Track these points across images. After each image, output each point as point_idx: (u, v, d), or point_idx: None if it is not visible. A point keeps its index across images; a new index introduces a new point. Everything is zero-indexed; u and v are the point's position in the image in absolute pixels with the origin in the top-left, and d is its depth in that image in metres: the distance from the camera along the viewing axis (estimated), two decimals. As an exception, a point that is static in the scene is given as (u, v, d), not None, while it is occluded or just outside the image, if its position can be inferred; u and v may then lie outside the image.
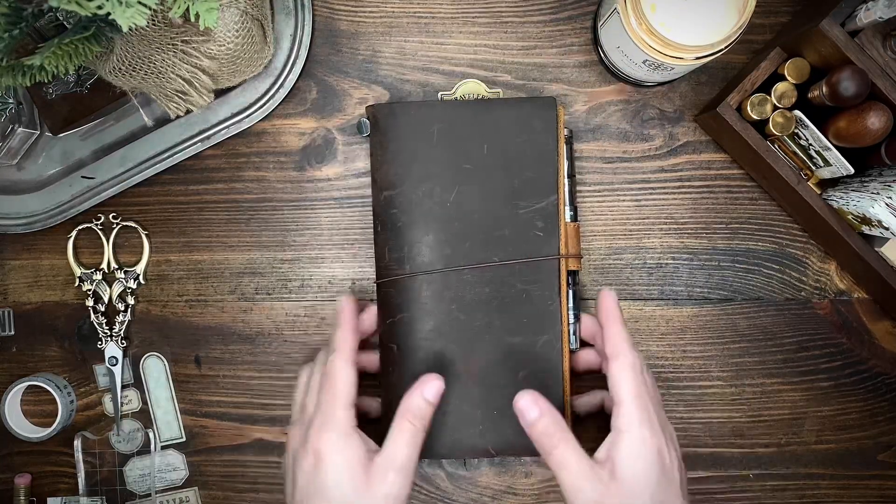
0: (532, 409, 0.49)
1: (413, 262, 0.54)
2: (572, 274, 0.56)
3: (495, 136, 0.55)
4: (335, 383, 0.49)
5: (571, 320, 0.56)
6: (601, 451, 0.48)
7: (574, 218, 0.56)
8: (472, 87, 0.59)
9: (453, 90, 0.59)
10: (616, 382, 0.49)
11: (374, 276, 0.57)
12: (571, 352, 0.56)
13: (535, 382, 0.53)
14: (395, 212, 0.55)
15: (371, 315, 0.56)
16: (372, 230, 0.58)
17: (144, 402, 0.61)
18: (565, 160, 0.55)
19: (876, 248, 0.55)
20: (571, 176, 0.56)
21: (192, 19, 0.43)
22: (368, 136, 0.58)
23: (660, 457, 0.47)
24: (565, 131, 0.55)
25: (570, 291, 0.55)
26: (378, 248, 0.56)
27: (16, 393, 0.60)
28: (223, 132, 0.58)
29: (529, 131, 0.54)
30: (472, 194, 0.54)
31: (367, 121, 0.57)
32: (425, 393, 0.50)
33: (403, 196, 0.55)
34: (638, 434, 0.47)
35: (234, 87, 0.58)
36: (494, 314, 0.54)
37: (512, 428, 0.53)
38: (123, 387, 0.61)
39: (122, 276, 0.61)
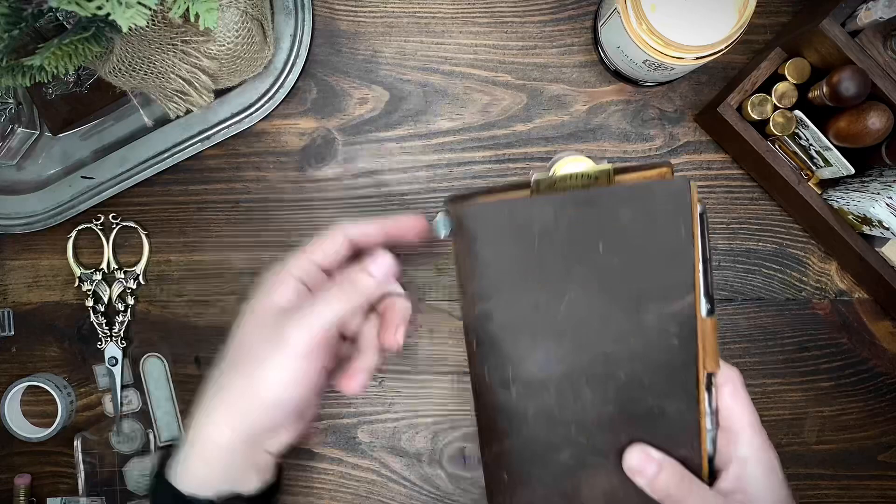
0: (649, 464, 0.43)
1: (520, 384, 0.46)
2: (710, 377, 0.45)
3: (612, 231, 0.44)
4: (315, 240, 0.47)
5: (709, 427, 0.45)
6: (727, 482, 0.44)
7: (711, 311, 0.44)
8: (573, 166, 0.49)
9: (550, 169, 0.53)
10: (730, 409, 0.44)
11: (472, 399, 0.49)
12: (709, 461, 0.45)
13: None
14: (493, 327, 0.46)
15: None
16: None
17: (144, 402, 0.61)
18: (700, 247, 0.43)
19: (876, 249, 0.55)
20: (706, 261, 0.44)
21: (192, 19, 0.43)
22: (448, 237, 0.48)
23: (783, 479, 0.45)
24: (699, 207, 0.43)
25: (708, 397, 0.45)
26: (475, 367, 0.47)
27: (16, 393, 0.60)
28: (223, 132, 0.58)
29: (655, 222, 0.43)
30: (587, 301, 0.45)
31: (446, 219, 0.48)
32: (370, 267, 0.46)
33: (503, 309, 0.46)
34: (766, 459, 0.44)
35: (234, 88, 0.58)
36: (622, 434, 0.45)
37: None
38: (123, 387, 0.61)
39: (122, 276, 0.60)
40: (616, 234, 0.44)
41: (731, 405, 0.44)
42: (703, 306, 0.44)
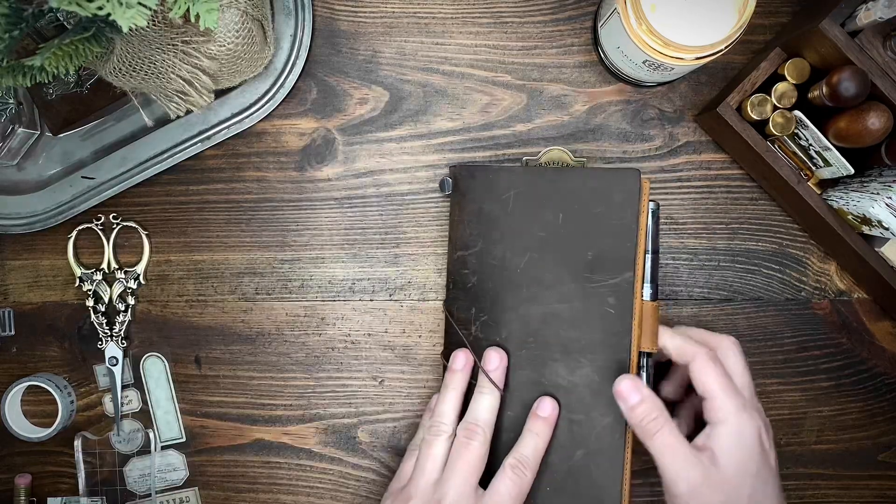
0: (633, 393, 0.48)
1: (479, 325, 0.54)
2: (646, 356, 0.52)
3: (572, 205, 0.52)
4: (462, 464, 0.50)
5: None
6: (699, 439, 0.48)
7: (655, 297, 0.52)
8: (556, 155, 0.58)
9: (538, 156, 0.59)
10: (699, 381, 0.48)
11: (444, 330, 0.58)
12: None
13: (593, 464, 0.51)
14: (466, 272, 0.55)
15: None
16: (370, 233, 0.58)
17: (144, 402, 0.61)
18: (648, 235, 0.51)
19: (876, 249, 0.55)
20: (655, 251, 0.52)
21: (193, 20, 0.43)
22: (449, 194, 0.57)
23: (760, 444, 0.47)
24: (651, 204, 0.51)
25: (643, 374, 0.52)
26: (447, 304, 0.56)
27: (16, 393, 0.60)
28: (223, 132, 0.58)
29: (608, 203, 0.51)
30: (543, 263, 0.53)
31: (450, 180, 0.57)
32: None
33: (475, 258, 0.54)
34: (735, 422, 0.47)
35: (234, 88, 0.58)
36: (558, 390, 0.52)
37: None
38: (123, 387, 0.61)
39: (123, 276, 0.61)
40: (574, 209, 0.52)
41: (699, 377, 0.48)
42: (647, 290, 0.52)
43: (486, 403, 0.52)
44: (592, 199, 0.52)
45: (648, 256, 0.52)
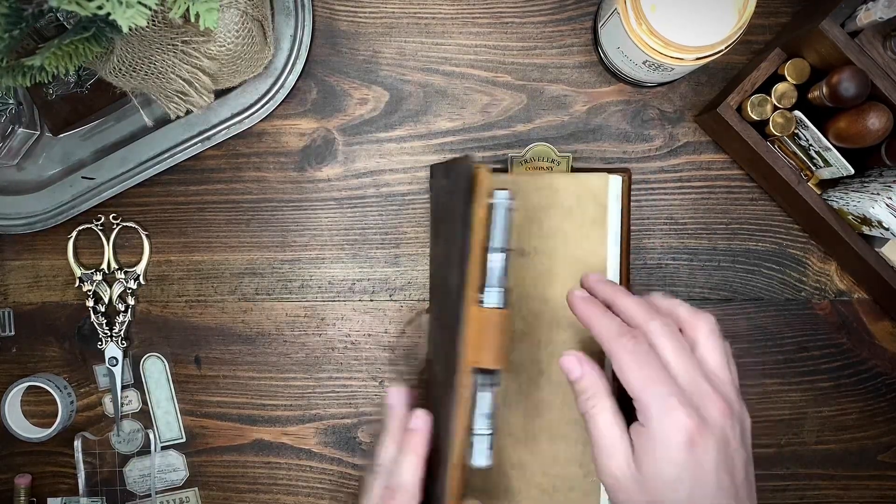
0: (575, 367, 0.44)
1: (431, 311, 0.58)
2: (488, 373, 0.44)
3: (445, 194, 0.51)
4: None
5: (480, 429, 0.44)
6: (633, 430, 0.43)
7: (505, 304, 0.44)
8: (541, 150, 0.58)
9: (524, 152, 0.59)
10: (619, 377, 0.42)
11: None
12: (480, 469, 0.45)
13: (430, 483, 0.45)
14: (432, 263, 0.58)
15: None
16: (370, 234, 0.60)
17: (144, 402, 0.61)
18: (492, 231, 0.44)
19: (876, 249, 0.55)
20: (505, 250, 0.44)
21: (192, 20, 0.43)
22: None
23: (688, 450, 0.40)
24: (501, 198, 0.45)
25: (480, 394, 0.44)
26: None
27: (16, 393, 0.60)
28: (223, 132, 0.58)
29: (454, 194, 0.46)
30: (440, 254, 0.52)
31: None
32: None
33: (432, 249, 0.58)
34: (657, 427, 0.41)
35: (234, 88, 0.58)
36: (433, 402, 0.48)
37: None
38: (123, 387, 0.61)
39: (123, 276, 0.61)
40: (445, 198, 0.51)
41: (618, 373, 0.42)
42: (491, 296, 0.44)
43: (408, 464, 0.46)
44: (451, 193, 0.48)
45: (497, 255, 0.44)
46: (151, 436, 0.61)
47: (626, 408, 0.43)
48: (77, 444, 0.61)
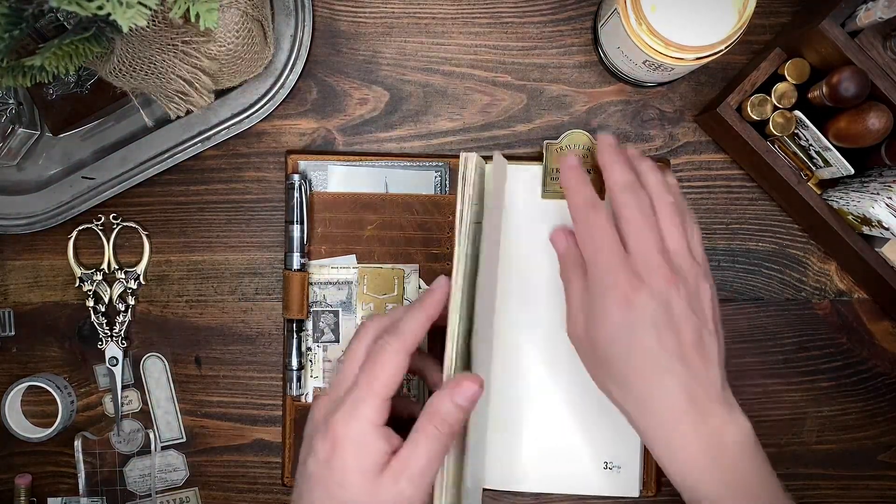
0: (562, 241, 0.51)
1: None
2: (297, 322, 0.59)
3: None
4: (378, 371, 0.44)
5: (293, 365, 0.59)
6: (588, 297, 0.48)
7: (303, 267, 0.58)
8: (577, 138, 0.58)
9: (560, 139, 0.58)
10: (578, 243, 0.49)
11: None
12: (293, 398, 0.59)
13: None
14: None
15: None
16: None
17: (145, 402, 0.61)
18: (293, 207, 0.58)
19: (876, 249, 0.55)
20: (300, 222, 0.58)
21: (193, 20, 0.43)
22: None
23: (626, 314, 0.45)
24: (294, 178, 0.58)
25: (296, 341, 0.59)
26: None
27: (16, 393, 0.60)
28: (223, 132, 0.58)
29: None
30: None
31: None
32: (456, 397, 0.44)
33: None
34: (598, 292, 0.46)
35: (234, 88, 0.58)
36: None
37: None
38: (124, 387, 0.61)
39: (123, 276, 0.61)
40: None
41: (580, 246, 0.49)
42: (294, 259, 0.58)
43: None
44: None
45: (293, 227, 0.58)
46: (151, 436, 0.61)
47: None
48: (77, 443, 0.61)
